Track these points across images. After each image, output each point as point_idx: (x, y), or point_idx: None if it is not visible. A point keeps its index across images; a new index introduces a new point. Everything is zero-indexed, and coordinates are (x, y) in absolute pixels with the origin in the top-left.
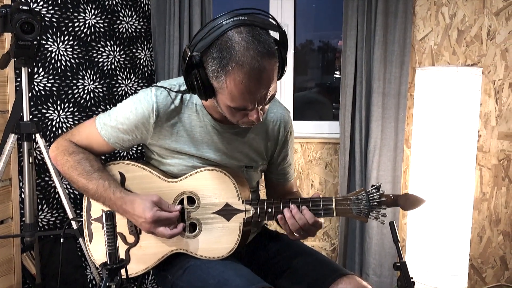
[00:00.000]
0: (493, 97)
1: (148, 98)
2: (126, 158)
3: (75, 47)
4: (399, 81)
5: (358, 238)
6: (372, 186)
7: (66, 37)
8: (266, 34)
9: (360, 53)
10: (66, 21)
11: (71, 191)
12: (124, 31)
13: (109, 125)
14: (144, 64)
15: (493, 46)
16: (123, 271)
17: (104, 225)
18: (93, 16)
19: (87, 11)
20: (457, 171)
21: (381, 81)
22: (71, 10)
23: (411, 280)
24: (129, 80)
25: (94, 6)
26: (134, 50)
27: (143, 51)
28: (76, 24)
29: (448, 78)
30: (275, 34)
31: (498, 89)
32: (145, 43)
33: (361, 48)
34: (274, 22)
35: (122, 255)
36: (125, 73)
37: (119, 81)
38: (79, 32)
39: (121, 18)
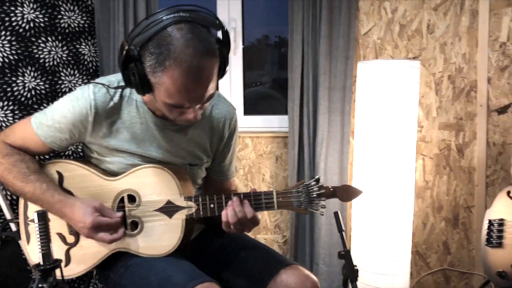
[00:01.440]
0: (433, 89)
1: (85, 95)
2: (65, 157)
3: (13, 43)
4: (344, 75)
5: (308, 229)
6: (312, 178)
7: (3, 32)
8: (207, 33)
9: (307, 48)
10: (3, 15)
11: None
12: (66, 26)
13: (45, 124)
14: (88, 60)
15: (433, 40)
16: (58, 272)
17: (36, 225)
18: (32, 11)
19: (24, 5)
20: (398, 161)
21: (327, 75)
22: (7, 4)
23: (355, 268)
24: (73, 77)
25: (32, 0)
26: (78, 46)
27: (87, 46)
28: (13, 19)
29: (387, 71)
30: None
31: (438, 82)
32: (89, 38)
33: (307, 43)
34: (217, 21)
35: (61, 256)
36: (69, 69)
37: (62, 77)
38: (17, 27)
39: (62, 12)
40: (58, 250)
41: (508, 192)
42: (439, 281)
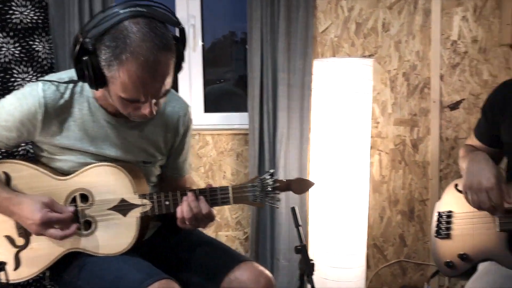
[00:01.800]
0: (388, 86)
1: (34, 93)
2: (12, 157)
3: None
4: (303, 72)
5: (269, 225)
6: (267, 172)
7: None
8: (164, 28)
9: (266, 45)
10: None
11: None
12: (18, 22)
13: None
14: (43, 57)
15: (388, 38)
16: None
17: None
18: None
19: None
20: (354, 157)
21: (286, 73)
22: None
23: (311, 262)
24: (27, 74)
25: None
26: (31, 42)
27: (41, 43)
28: None
29: (341, 69)
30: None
31: (393, 79)
32: (43, 35)
33: (266, 41)
34: (174, 17)
35: (10, 260)
36: (22, 66)
37: (14, 75)
38: None
39: (13, 8)
40: (6, 254)
41: (456, 185)
42: (396, 273)
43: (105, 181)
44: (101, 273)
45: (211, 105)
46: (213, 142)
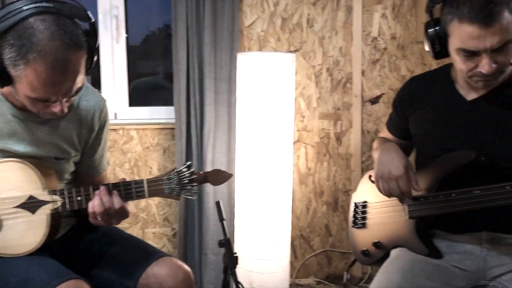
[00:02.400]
0: (313, 81)
1: None
2: None
3: None
4: (230, 66)
5: (197, 220)
6: (183, 165)
7: None
8: (73, 25)
9: (191, 38)
10: None
11: None
12: None
13: None
14: None
15: (312, 34)
16: None
17: None
18: None
19: None
20: (278, 150)
21: (213, 66)
22: None
23: (235, 255)
24: None
25: None
26: None
27: None
28: None
29: (263, 63)
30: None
31: (318, 74)
32: None
33: (192, 33)
34: (83, 12)
35: None
36: None
37: None
38: None
39: None
40: None
41: (370, 176)
42: (322, 262)
43: (11, 178)
44: (5, 276)
45: (138, 99)
46: (138, 137)
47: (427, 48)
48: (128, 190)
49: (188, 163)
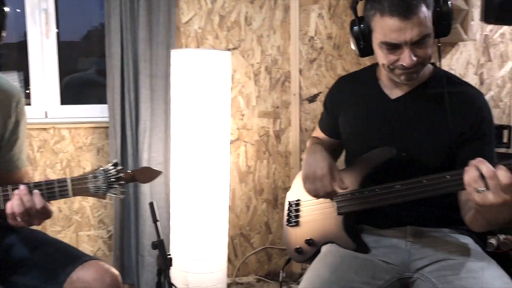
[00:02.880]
0: (252, 79)
1: None
2: None
3: None
4: (166, 63)
5: (133, 221)
6: (109, 163)
7: None
8: None
9: (126, 34)
10: None
11: None
12: None
13: None
14: None
15: (251, 32)
16: None
17: None
18: None
19: None
20: (214, 150)
21: (148, 63)
22: None
23: (168, 257)
24: None
25: None
26: None
27: None
28: None
29: (198, 60)
30: None
31: (256, 72)
32: None
33: (126, 29)
34: None
35: None
36: None
37: None
38: None
39: None
40: None
41: None
42: (262, 260)
43: None
44: None
45: (70, 97)
46: (71, 137)
47: (352, 46)
48: (50, 189)
49: (114, 161)
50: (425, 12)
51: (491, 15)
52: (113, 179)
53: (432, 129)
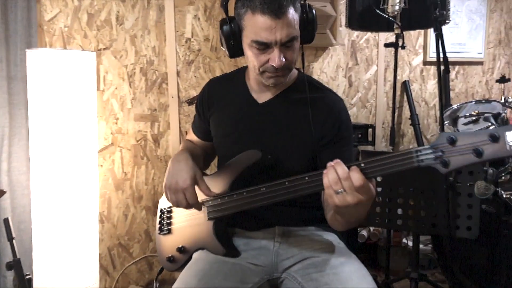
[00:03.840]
0: (126, 81)
1: None
2: None
3: None
4: (26, 64)
5: None
6: None
7: None
8: None
9: None
10: None
11: None
12: None
13: None
14: None
15: (123, 32)
16: None
17: None
18: None
19: None
20: (80, 157)
21: (4, 64)
22: None
23: (27, 277)
24: None
25: None
26: None
27: None
28: None
29: (58, 61)
30: None
31: (131, 73)
32: None
33: None
34: None
35: None
36: None
37: None
38: None
39: None
40: None
41: None
42: (143, 269)
43: None
44: None
45: None
46: None
47: (222, 46)
48: None
49: None
50: (294, 15)
51: (354, 22)
52: None
53: (296, 132)
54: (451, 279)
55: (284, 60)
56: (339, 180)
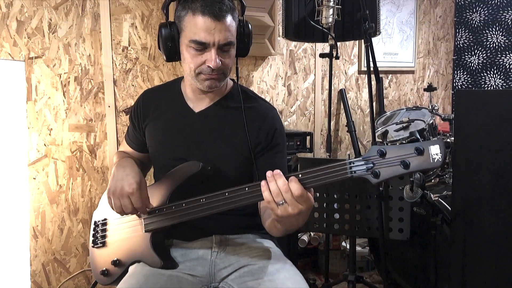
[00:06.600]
0: (60, 90)
1: None
2: None
3: None
4: None
5: None
6: None
7: None
8: None
9: None
10: None
11: None
12: None
13: None
14: None
15: (56, 40)
16: None
17: None
18: None
19: None
20: (5, 171)
21: None
22: None
23: None
24: None
25: None
26: None
27: None
28: None
29: None
30: None
31: (65, 83)
32: None
33: None
34: None
35: None
36: None
37: None
38: None
39: None
40: None
41: None
42: (81, 284)
43: None
44: None
45: None
46: None
47: (160, 48)
48: None
49: None
50: (232, 22)
51: (291, 33)
52: None
53: (232, 140)
54: (386, 279)
55: (220, 62)
56: (280, 193)
